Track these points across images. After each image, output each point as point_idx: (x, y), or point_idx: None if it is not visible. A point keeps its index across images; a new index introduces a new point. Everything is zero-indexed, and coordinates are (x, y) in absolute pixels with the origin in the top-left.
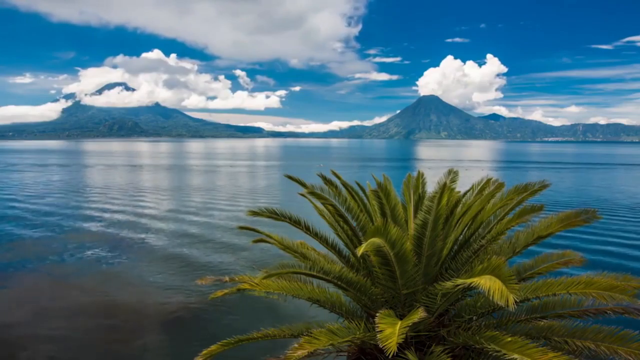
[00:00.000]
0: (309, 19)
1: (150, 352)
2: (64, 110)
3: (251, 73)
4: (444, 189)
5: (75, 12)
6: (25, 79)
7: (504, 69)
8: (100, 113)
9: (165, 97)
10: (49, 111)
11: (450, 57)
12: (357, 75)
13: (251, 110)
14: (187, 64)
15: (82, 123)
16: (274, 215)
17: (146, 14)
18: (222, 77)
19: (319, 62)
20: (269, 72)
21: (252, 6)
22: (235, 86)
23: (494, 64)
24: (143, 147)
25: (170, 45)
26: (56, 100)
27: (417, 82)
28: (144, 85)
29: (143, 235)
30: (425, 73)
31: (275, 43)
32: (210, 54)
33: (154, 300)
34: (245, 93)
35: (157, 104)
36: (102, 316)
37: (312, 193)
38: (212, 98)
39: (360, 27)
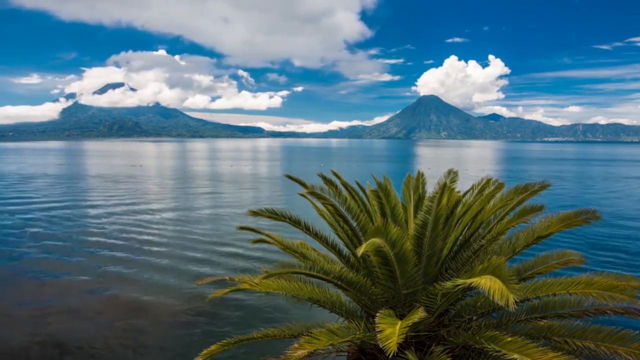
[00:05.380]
0: (325, 19)
1: (149, 352)
2: (64, 110)
3: (262, 72)
4: (444, 189)
5: (86, 9)
6: (32, 79)
7: (507, 71)
8: (101, 113)
9: (169, 96)
10: (49, 111)
11: (453, 58)
12: (361, 76)
13: (251, 110)
14: (194, 62)
15: (82, 123)
16: (274, 215)
17: (158, 10)
18: (226, 77)
19: (327, 62)
20: (280, 71)
21: (273, 3)
22: (241, 86)
23: (496, 65)
24: (145, 148)
25: (179, 44)
26: (56, 100)
27: (417, 82)
28: (147, 84)
29: (142, 236)
30: (426, 73)
31: (289, 42)
32: (221, 52)
33: (153, 301)
34: (249, 93)
35: (157, 104)
36: (100, 316)
37: (312, 193)
38: (217, 98)
39: (367, 29)
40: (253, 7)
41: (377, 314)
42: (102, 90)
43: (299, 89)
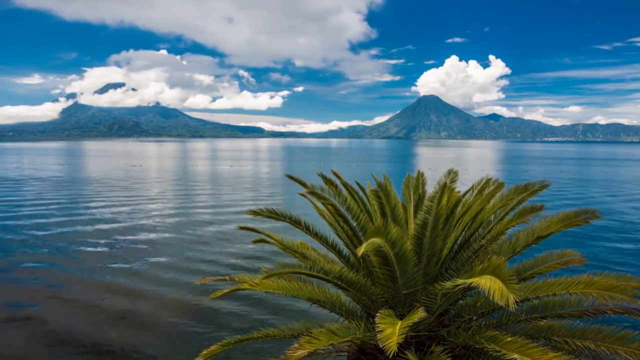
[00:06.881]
0: (331, 17)
1: (149, 351)
2: (64, 110)
3: (264, 72)
4: (444, 189)
5: (88, 8)
6: (34, 79)
7: (507, 71)
8: (101, 113)
9: (169, 96)
10: (49, 111)
11: (454, 58)
12: (362, 76)
13: (251, 110)
14: (196, 62)
15: (82, 123)
16: (274, 215)
17: (161, 10)
18: (227, 76)
19: (329, 62)
20: (283, 71)
21: (278, 1)
22: (242, 86)
23: (497, 66)
24: (145, 148)
25: (181, 43)
26: (56, 100)
27: (417, 82)
28: (148, 84)
29: (141, 235)
30: (426, 73)
31: (291, 42)
32: (223, 51)
33: (152, 299)
34: (250, 93)
35: (157, 104)
36: (99, 314)
37: (312, 193)
38: (217, 98)
39: (370, 29)
40: (257, 5)
41: (377, 314)
42: (103, 90)
43: (300, 89)
